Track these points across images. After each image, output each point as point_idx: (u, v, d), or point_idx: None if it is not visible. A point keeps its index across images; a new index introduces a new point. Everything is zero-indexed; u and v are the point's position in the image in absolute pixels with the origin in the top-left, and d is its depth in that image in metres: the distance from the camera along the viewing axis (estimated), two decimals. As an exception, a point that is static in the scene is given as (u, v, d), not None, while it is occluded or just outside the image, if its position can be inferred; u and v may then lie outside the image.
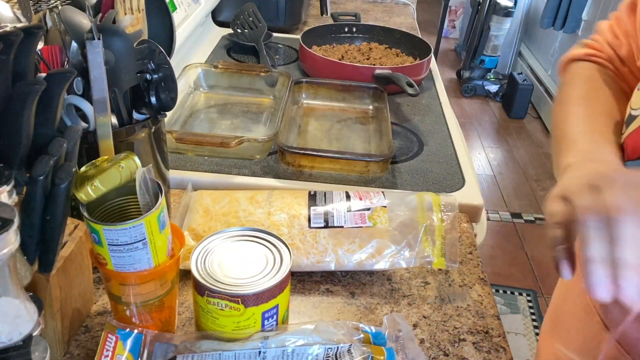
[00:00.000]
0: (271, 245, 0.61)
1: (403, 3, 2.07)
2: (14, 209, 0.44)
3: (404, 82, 1.16)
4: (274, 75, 1.22)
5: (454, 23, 4.91)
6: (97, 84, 0.63)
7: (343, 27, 1.51)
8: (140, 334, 0.60)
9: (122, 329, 0.60)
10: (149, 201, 0.56)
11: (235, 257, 0.59)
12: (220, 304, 0.56)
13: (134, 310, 0.60)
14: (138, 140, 0.70)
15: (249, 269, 0.58)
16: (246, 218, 0.75)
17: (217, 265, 0.58)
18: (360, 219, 0.74)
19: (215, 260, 0.59)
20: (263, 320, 0.58)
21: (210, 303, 0.56)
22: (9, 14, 0.69)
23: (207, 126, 1.11)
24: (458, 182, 0.97)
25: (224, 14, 1.62)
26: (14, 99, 0.47)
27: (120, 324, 0.60)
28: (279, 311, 0.59)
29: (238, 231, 0.62)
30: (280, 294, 0.58)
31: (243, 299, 0.55)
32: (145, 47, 0.68)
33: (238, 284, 0.56)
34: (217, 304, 0.56)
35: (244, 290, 0.55)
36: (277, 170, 0.96)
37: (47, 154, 0.49)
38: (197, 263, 0.58)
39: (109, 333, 0.59)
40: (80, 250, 0.62)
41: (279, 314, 0.59)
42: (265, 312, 0.57)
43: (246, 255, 0.60)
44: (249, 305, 0.56)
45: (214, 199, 0.79)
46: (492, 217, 2.81)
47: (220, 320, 0.57)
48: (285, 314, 0.61)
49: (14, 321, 0.46)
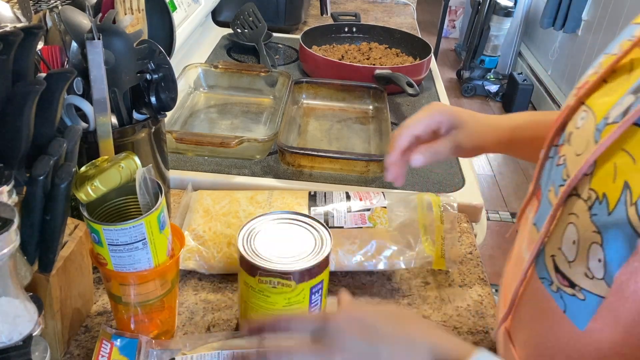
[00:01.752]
0: (309, 226, 0.63)
1: (403, 3, 2.07)
2: (14, 209, 0.44)
3: (404, 82, 1.16)
4: (274, 75, 1.22)
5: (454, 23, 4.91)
6: (97, 84, 0.63)
7: (343, 27, 1.51)
8: (135, 339, 0.60)
9: (117, 335, 0.60)
10: (149, 201, 0.56)
11: (279, 238, 0.62)
12: (272, 282, 0.58)
13: (134, 311, 0.60)
14: (138, 140, 0.70)
15: (294, 248, 0.60)
16: (247, 218, 0.75)
17: (264, 246, 0.60)
18: (360, 220, 0.74)
19: (261, 242, 0.61)
20: (311, 295, 0.60)
21: (262, 282, 0.58)
22: (9, 14, 0.69)
23: (207, 126, 1.11)
24: (458, 182, 0.97)
25: (224, 14, 1.62)
26: (14, 99, 0.47)
27: (115, 331, 0.60)
28: (323, 287, 0.61)
29: (278, 214, 0.65)
30: (325, 270, 0.60)
31: (294, 276, 0.57)
32: (145, 47, 0.68)
33: (288, 262, 0.58)
34: (269, 282, 0.58)
35: (295, 267, 0.58)
36: (277, 170, 0.96)
37: (47, 154, 0.49)
38: (244, 245, 0.60)
39: (104, 339, 0.59)
40: (80, 250, 0.62)
41: (323, 289, 0.62)
42: (313, 287, 0.60)
43: (290, 236, 0.62)
44: (300, 282, 0.58)
45: (214, 199, 0.79)
46: (492, 217, 2.81)
47: (272, 298, 0.59)
48: (326, 290, 0.63)
49: (14, 321, 0.46)
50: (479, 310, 0.72)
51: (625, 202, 0.40)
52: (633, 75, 0.45)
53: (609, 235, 0.41)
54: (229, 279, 0.74)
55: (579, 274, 0.44)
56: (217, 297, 0.71)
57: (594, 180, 0.43)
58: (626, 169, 0.41)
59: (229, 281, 0.74)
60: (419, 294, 0.75)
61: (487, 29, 3.75)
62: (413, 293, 0.75)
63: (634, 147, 0.41)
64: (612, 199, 0.41)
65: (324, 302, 0.64)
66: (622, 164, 0.41)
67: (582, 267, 0.43)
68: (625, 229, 0.39)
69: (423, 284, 0.76)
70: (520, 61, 4.21)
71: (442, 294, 0.75)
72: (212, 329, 0.67)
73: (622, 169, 0.41)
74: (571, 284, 0.45)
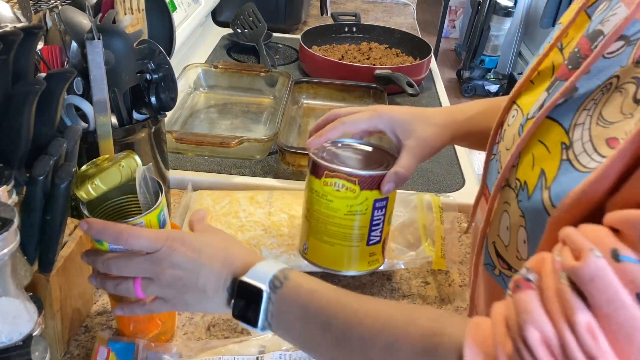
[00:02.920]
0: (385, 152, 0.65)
1: (403, 3, 2.07)
2: (14, 209, 0.44)
3: (404, 82, 1.16)
4: (274, 75, 1.22)
5: (454, 23, 4.91)
6: (97, 84, 0.63)
7: (343, 27, 1.51)
8: (132, 343, 0.60)
9: (113, 341, 0.60)
10: (149, 200, 0.56)
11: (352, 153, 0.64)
12: (337, 183, 0.59)
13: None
14: (138, 140, 0.70)
15: (366, 162, 0.62)
16: (247, 218, 0.75)
17: (335, 155, 0.62)
18: (360, 219, 0.74)
19: (333, 152, 0.63)
20: (374, 210, 0.61)
21: (327, 184, 0.60)
22: (9, 14, 0.69)
23: (207, 126, 1.11)
24: (458, 182, 0.97)
25: (224, 14, 1.62)
26: (14, 99, 0.47)
27: (111, 337, 0.60)
28: (387, 206, 0.62)
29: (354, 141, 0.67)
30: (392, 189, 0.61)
31: (360, 179, 0.59)
32: (145, 47, 0.68)
33: (356, 168, 0.60)
34: (334, 184, 0.59)
35: (361, 172, 0.59)
36: (277, 170, 0.96)
37: (47, 154, 0.49)
38: (317, 152, 0.63)
39: (101, 345, 0.59)
40: (80, 250, 0.62)
41: (387, 209, 0.62)
42: (377, 200, 0.60)
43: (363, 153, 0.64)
44: (364, 188, 0.59)
45: (214, 199, 0.79)
46: (492, 217, 2.80)
47: (335, 203, 0.60)
48: (391, 216, 0.64)
49: (14, 321, 0.46)
50: (479, 310, 0.72)
51: (541, 187, 0.44)
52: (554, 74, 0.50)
53: (529, 217, 0.46)
54: (229, 279, 0.74)
55: (512, 256, 0.49)
56: (217, 297, 0.71)
57: (519, 171, 0.48)
58: (542, 158, 0.46)
59: (229, 281, 0.74)
60: (419, 294, 0.75)
61: (487, 29, 3.75)
62: (413, 293, 0.75)
63: (547, 138, 0.46)
64: (531, 185, 0.46)
65: (386, 227, 0.64)
66: (538, 154, 0.46)
67: (514, 250, 0.49)
68: (540, 211, 0.44)
69: (423, 284, 0.76)
70: (520, 61, 4.21)
71: (442, 294, 0.75)
72: (212, 329, 0.67)
73: (538, 158, 0.46)
74: (509, 266, 0.50)
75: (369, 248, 0.63)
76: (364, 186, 0.59)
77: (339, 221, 0.61)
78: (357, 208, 0.60)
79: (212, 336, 0.66)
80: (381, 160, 0.63)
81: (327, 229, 0.62)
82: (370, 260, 0.65)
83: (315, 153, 0.62)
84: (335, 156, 0.63)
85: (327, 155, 0.63)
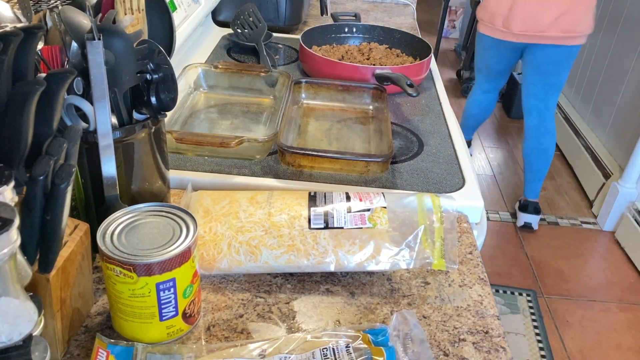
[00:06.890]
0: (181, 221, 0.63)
1: (403, 3, 2.07)
2: (14, 209, 0.44)
3: (404, 82, 1.16)
4: (274, 75, 1.22)
5: (454, 23, 4.91)
6: (97, 84, 0.63)
7: (343, 27, 1.51)
8: (130, 347, 0.60)
9: (112, 344, 0.60)
10: None
11: (143, 230, 0.62)
12: (115, 270, 0.59)
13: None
14: (138, 140, 0.70)
15: (154, 241, 0.60)
16: (247, 219, 0.75)
17: (124, 236, 0.61)
18: (360, 220, 0.74)
19: (125, 232, 0.62)
20: (158, 292, 0.60)
21: (108, 268, 0.59)
22: (9, 14, 0.69)
23: (207, 126, 1.11)
24: (458, 182, 0.97)
25: (224, 14, 1.62)
26: (14, 99, 0.47)
27: (109, 340, 0.60)
28: (176, 285, 0.61)
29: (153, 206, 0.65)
30: (177, 268, 0.60)
31: (135, 268, 0.58)
32: (145, 47, 0.68)
33: (134, 254, 0.58)
34: (113, 270, 0.59)
35: (136, 260, 0.58)
36: (277, 171, 0.96)
37: (47, 154, 0.49)
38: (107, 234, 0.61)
39: (100, 348, 0.59)
40: (80, 250, 0.62)
41: (176, 288, 0.61)
42: (159, 283, 0.60)
43: (153, 229, 0.62)
44: (142, 275, 0.58)
45: (214, 200, 0.79)
46: (492, 217, 2.81)
47: (118, 286, 0.60)
48: (187, 289, 0.63)
49: (14, 321, 0.46)
50: (479, 310, 0.72)
51: None
52: None
53: None
54: (229, 279, 0.74)
55: None
56: (217, 297, 0.71)
57: None
58: None
59: (229, 281, 0.74)
60: (419, 294, 0.75)
61: (487, 29, 3.75)
62: (413, 293, 0.75)
63: None
64: None
65: (184, 301, 0.63)
66: None
67: None
68: None
69: (423, 284, 0.76)
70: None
71: (442, 294, 0.75)
72: (211, 329, 0.67)
73: None
74: None
75: (165, 322, 0.63)
76: (140, 273, 0.58)
77: (125, 302, 0.61)
78: (139, 292, 0.59)
79: (212, 336, 0.66)
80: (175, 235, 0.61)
81: (119, 307, 0.62)
82: (170, 332, 0.64)
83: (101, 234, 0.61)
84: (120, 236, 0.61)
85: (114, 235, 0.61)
